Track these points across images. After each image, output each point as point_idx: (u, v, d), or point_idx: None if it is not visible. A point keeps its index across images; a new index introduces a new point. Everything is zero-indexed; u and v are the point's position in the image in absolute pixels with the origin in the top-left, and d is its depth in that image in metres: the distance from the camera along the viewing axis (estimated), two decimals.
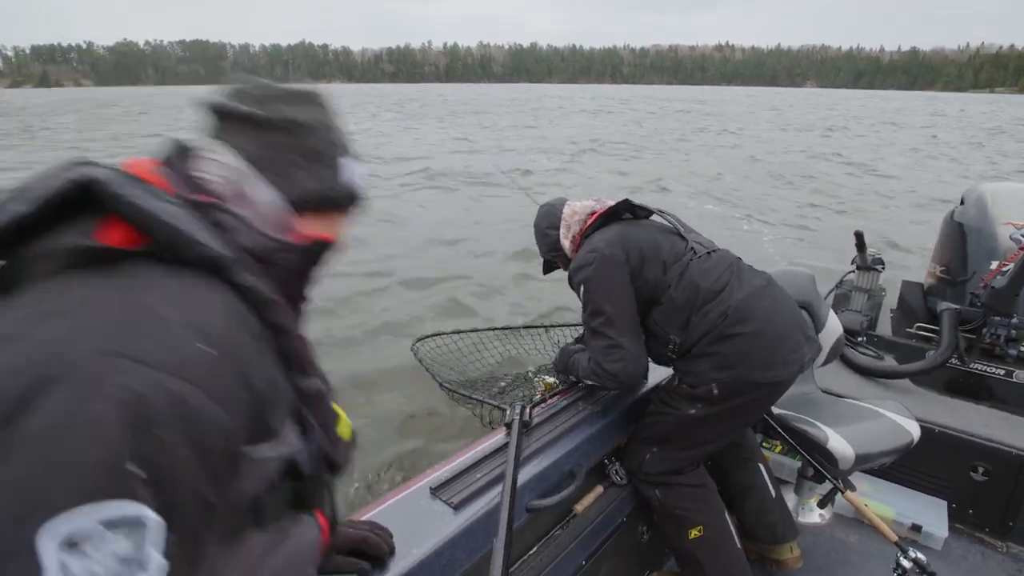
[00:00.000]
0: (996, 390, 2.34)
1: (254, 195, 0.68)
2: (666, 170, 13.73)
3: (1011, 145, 21.34)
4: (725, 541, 1.70)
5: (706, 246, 1.68)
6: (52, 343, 0.48)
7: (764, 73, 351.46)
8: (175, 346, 0.51)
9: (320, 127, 0.74)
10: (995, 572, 1.94)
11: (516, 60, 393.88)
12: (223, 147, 0.68)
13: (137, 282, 0.55)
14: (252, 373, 0.58)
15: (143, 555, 0.45)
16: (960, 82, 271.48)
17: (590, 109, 42.60)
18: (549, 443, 1.52)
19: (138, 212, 0.56)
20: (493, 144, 19.04)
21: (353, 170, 0.77)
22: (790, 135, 18.76)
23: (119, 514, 0.44)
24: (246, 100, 0.70)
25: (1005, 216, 2.34)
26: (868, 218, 9.27)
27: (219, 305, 0.58)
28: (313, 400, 0.71)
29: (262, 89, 0.72)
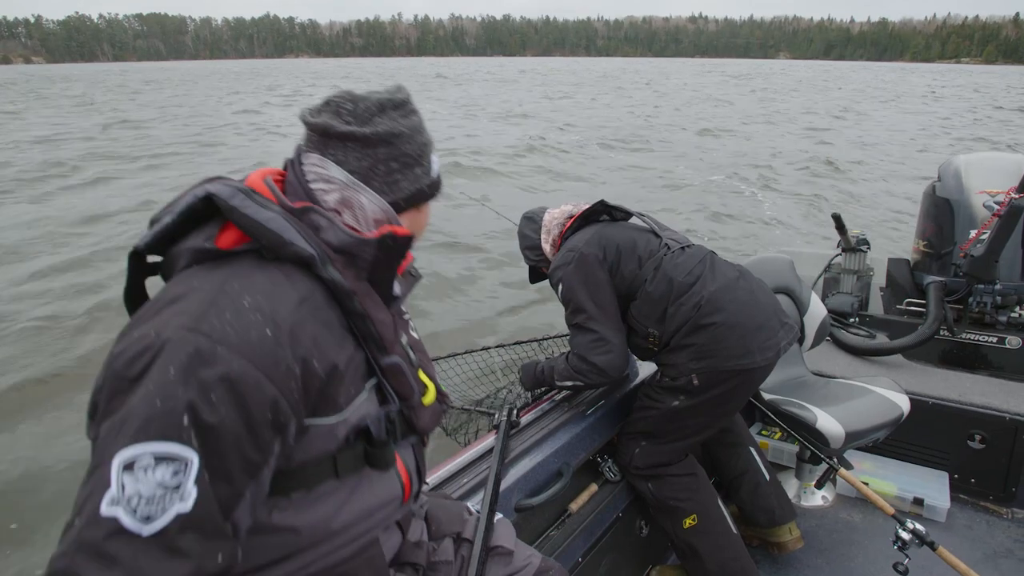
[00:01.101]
0: (990, 358, 2.38)
1: (360, 202, 0.80)
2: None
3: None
4: (720, 528, 1.73)
5: (680, 242, 1.72)
6: (160, 324, 0.64)
7: (737, 45, 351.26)
8: (244, 329, 0.65)
9: (414, 133, 0.83)
10: (1001, 539, 1.98)
11: (489, 33, 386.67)
12: (326, 161, 0.79)
13: (233, 275, 0.69)
14: (312, 357, 0.69)
15: (181, 486, 0.58)
16: (928, 53, 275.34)
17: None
18: (537, 443, 1.52)
19: (244, 219, 0.71)
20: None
21: (437, 163, 0.89)
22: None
23: (167, 452, 0.58)
24: (343, 114, 0.79)
25: (979, 185, 2.37)
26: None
27: (293, 297, 0.71)
28: (391, 374, 0.80)
29: (356, 102, 0.80)
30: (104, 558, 0.56)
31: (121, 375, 0.62)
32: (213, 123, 18.85)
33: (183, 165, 11.65)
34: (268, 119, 20.09)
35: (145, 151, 13.22)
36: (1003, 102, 30.18)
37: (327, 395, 0.72)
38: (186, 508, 0.58)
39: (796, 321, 2.05)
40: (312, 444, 0.73)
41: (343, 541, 0.79)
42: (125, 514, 0.56)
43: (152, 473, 0.58)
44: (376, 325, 0.77)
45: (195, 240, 0.73)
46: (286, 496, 0.73)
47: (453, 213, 7.52)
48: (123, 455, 0.58)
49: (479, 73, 63.72)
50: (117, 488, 0.57)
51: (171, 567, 0.57)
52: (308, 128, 0.81)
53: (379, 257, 0.77)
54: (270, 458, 0.67)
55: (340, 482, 0.77)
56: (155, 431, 0.59)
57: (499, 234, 6.88)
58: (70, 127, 17.78)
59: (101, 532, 0.56)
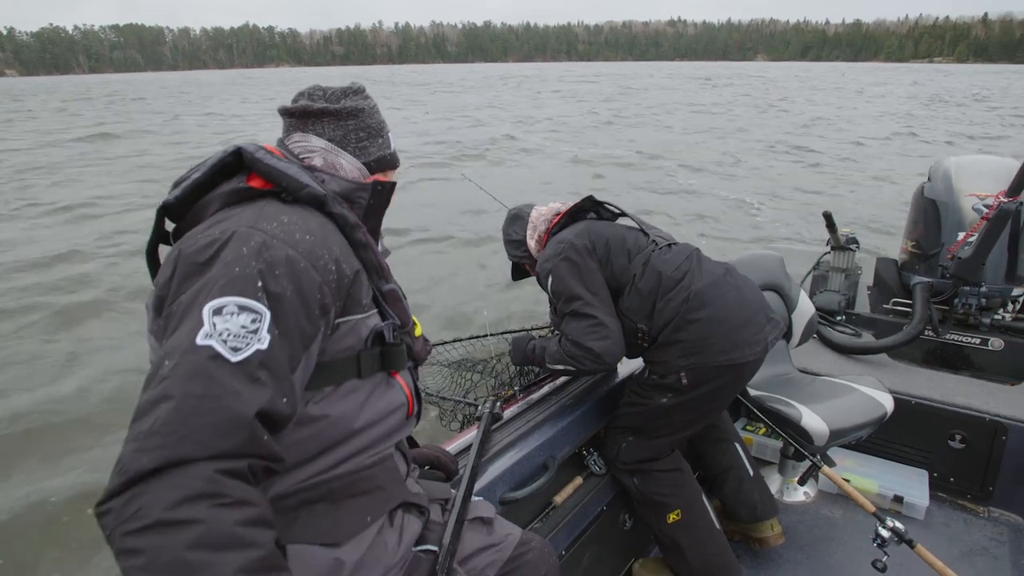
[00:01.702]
0: (973, 359, 2.41)
1: (340, 163, 0.99)
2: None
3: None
4: (703, 523, 1.74)
5: (667, 239, 1.73)
6: (222, 227, 0.80)
7: (716, 48, 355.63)
8: (289, 231, 0.82)
9: (373, 111, 1.05)
10: (977, 537, 2.00)
11: (471, 39, 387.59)
12: (308, 135, 0.99)
13: (266, 205, 0.85)
14: (341, 260, 0.86)
15: (258, 330, 0.73)
16: (901, 53, 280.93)
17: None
18: (522, 436, 1.52)
19: (268, 167, 0.87)
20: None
21: (392, 140, 1.09)
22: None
23: (247, 304, 0.73)
24: (316, 99, 1.00)
25: (969, 188, 2.38)
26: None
27: (317, 220, 0.87)
28: (389, 297, 0.97)
29: (325, 90, 1.02)
30: (205, 375, 0.67)
31: (194, 261, 0.76)
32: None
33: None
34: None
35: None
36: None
37: (354, 295, 0.88)
38: (263, 346, 0.72)
39: (784, 318, 2.06)
40: (342, 340, 0.88)
41: (364, 443, 0.93)
42: (219, 343, 0.69)
43: (237, 318, 0.72)
44: (376, 255, 0.94)
45: (228, 185, 0.88)
46: (320, 390, 0.87)
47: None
48: (213, 304, 0.71)
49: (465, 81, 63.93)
50: (209, 326, 0.70)
51: (253, 390, 0.70)
52: (288, 114, 1.01)
53: (371, 201, 0.97)
54: (318, 334, 0.81)
55: (361, 382, 0.91)
56: (237, 288, 0.73)
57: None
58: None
59: (200, 356, 0.68)
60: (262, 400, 0.70)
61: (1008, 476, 2.04)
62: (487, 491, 1.35)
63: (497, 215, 2.05)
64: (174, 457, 0.62)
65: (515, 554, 1.14)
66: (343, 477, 0.90)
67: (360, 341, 0.90)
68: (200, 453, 0.64)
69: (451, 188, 10.19)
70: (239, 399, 0.68)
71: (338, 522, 0.90)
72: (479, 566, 1.10)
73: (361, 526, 0.92)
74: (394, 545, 0.96)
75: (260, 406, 0.70)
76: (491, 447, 1.46)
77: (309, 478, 0.87)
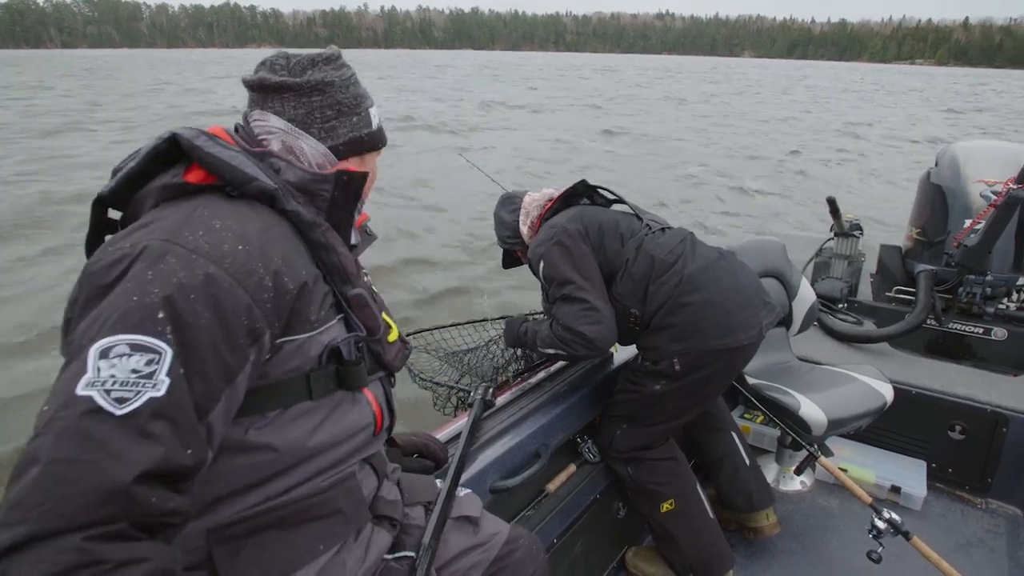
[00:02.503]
0: (975, 348, 2.39)
1: (300, 148, 0.86)
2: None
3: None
4: (697, 512, 1.71)
5: (660, 223, 1.70)
6: (135, 239, 0.69)
7: (704, 43, 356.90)
8: (216, 242, 0.70)
9: (347, 83, 0.89)
10: (974, 529, 2.00)
11: (457, 25, 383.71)
12: (267, 114, 0.85)
13: (201, 205, 0.74)
14: (282, 273, 0.74)
15: (154, 374, 0.62)
16: (885, 54, 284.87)
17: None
18: (515, 424, 1.48)
19: (208, 157, 0.76)
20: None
21: (377, 116, 0.94)
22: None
23: (142, 342, 0.62)
24: (277, 70, 0.85)
25: (977, 174, 2.34)
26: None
27: (259, 222, 0.76)
28: (354, 304, 0.86)
29: (289, 58, 0.86)
30: (78, 435, 0.58)
31: (97, 283, 0.66)
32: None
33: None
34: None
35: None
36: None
37: (298, 311, 0.77)
38: (158, 393, 0.62)
39: (784, 305, 2.03)
40: (287, 361, 0.77)
41: (320, 467, 0.83)
42: (100, 395, 0.59)
43: (127, 360, 0.61)
44: (339, 257, 0.83)
45: (162, 178, 0.77)
46: (262, 415, 0.77)
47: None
48: (100, 344, 0.61)
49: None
50: (93, 372, 0.60)
51: (141, 448, 0.60)
52: (248, 87, 0.86)
53: (336, 194, 0.84)
54: (246, 364, 0.71)
55: (314, 404, 0.81)
56: (132, 323, 0.62)
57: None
58: None
59: (76, 410, 0.59)
60: (151, 459, 0.60)
61: (1007, 468, 2.04)
62: (477, 479, 1.32)
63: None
64: (36, 532, 0.55)
65: (502, 553, 1.09)
66: (296, 503, 0.81)
67: (310, 360, 0.80)
68: (67, 525, 0.56)
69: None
70: (118, 463, 0.58)
71: (289, 551, 0.81)
72: (463, 568, 1.04)
73: (313, 555, 0.83)
74: (355, 562, 0.87)
75: (146, 467, 0.60)
76: (482, 435, 1.43)
77: (255, 505, 0.78)
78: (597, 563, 1.81)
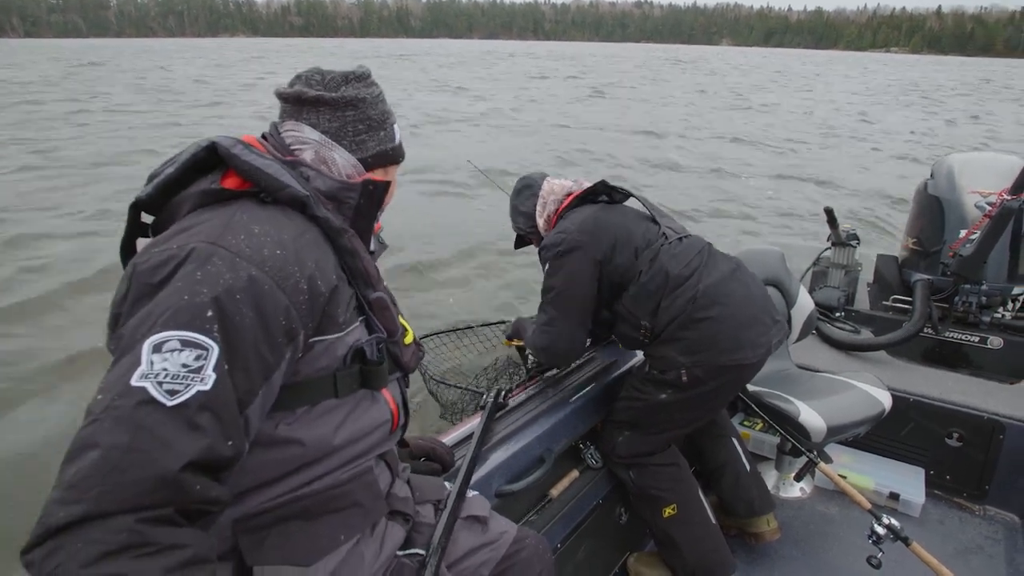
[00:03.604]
0: (972, 357, 2.42)
1: (332, 158, 0.90)
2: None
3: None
4: (699, 518, 1.72)
5: (678, 232, 1.68)
6: (181, 241, 0.73)
7: (683, 31, 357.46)
8: (258, 247, 0.74)
9: (376, 100, 0.95)
10: (972, 535, 2.03)
11: (435, 14, 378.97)
12: (301, 125, 0.90)
13: (239, 210, 0.78)
14: (316, 277, 0.79)
15: (202, 368, 0.66)
16: (860, 42, 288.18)
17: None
18: (520, 428, 1.49)
19: (245, 165, 0.80)
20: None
21: (399, 132, 1.00)
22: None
23: (192, 339, 0.66)
24: (313, 84, 0.91)
25: (972, 185, 2.38)
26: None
27: (293, 228, 0.80)
28: (376, 307, 0.90)
29: (324, 75, 0.92)
30: (133, 423, 0.62)
31: (146, 281, 0.70)
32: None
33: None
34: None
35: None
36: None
37: (329, 313, 0.82)
38: (206, 387, 0.66)
39: (784, 314, 2.04)
40: (317, 360, 0.82)
41: (342, 460, 0.87)
42: (153, 386, 0.63)
43: (178, 355, 0.65)
44: (363, 262, 0.88)
45: (201, 184, 0.81)
46: (292, 411, 0.81)
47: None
48: (153, 338, 0.65)
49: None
50: (147, 364, 0.64)
51: (189, 438, 0.64)
52: (282, 99, 0.92)
53: (361, 202, 0.89)
54: (282, 362, 0.75)
55: (339, 401, 0.86)
56: (182, 321, 0.67)
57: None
58: None
59: (132, 400, 0.63)
60: (197, 449, 0.65)
61: (1004, 475, 2.07)
62: (483, 483, 1.33)
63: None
64: (91, 512, 0.59)
65: (510, 552, 1.12)
66: (318, 494, 0.86)
67: (336, 360, 0.84)
68: (120, 508, 0.60)
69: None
70: (168, 452, 0.63)
71: (311, 540, 0.85)
72: (472, 566, 1.07)
73: (334, 544, 0.87)
74: (372, 556, 0.91)
75: (193, 456, 0.64)
76: (488, 439, 1.44)
77: (280, 495, 0.83)
78: (600, 568, 1.81)
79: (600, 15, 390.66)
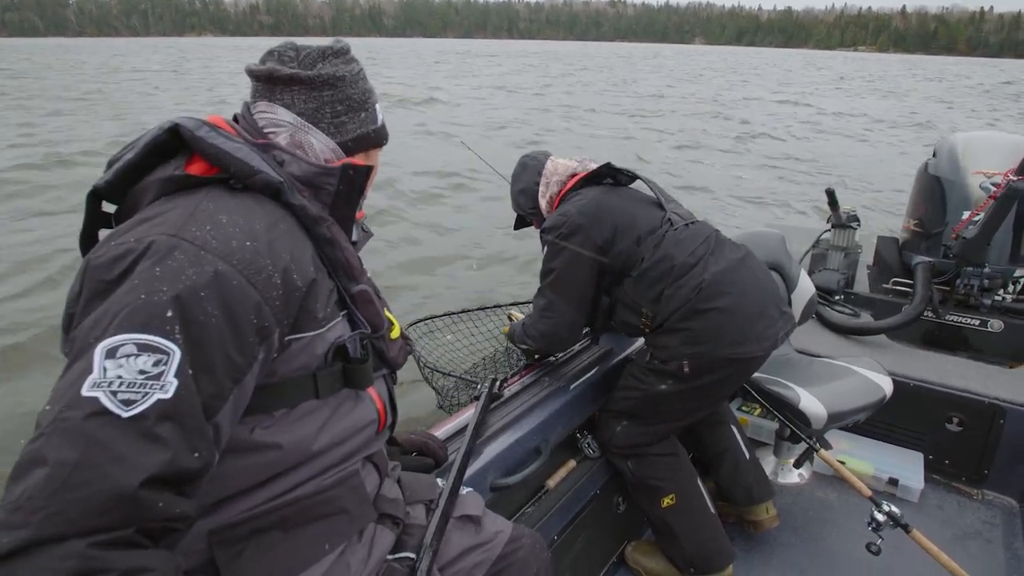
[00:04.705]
0: (972, 340, 2.40)
1: (309, 142, 0.84)
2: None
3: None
4: (698, 508, 1.70)
5: (684, 218, 1.63)
6: (140, 233, 0.67)
7: (656, 30, 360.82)
8: (225, 239, 0.68)
9: (356, 79, 0.88)
10: (971, 520, 2.03)
11: (408, 13, 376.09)
12: (275, 106, 0.83)
13: (206, 198, 0.72)
14: (291, 270, 0.72)
15: (162, 375, 0.60)
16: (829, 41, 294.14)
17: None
18: (516, 420, 1.45)
19: (211, 148, 0.73)
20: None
21: (381, 112, 0.93)
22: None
23: (150, 342, 0.60)
24: (286, 61, 0.84)
25: (975, 166, 2.33)
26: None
27: (265, 217, 0.73)
28: (359, 300, 0.85)
29: (299, 50, 0.85)
30: (83, 437, 0.56)
31: (101, 278, 0.64)
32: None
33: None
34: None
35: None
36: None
37: (307, 309, 0.75)
38: (166, 395, 0.60)
39: (784, 298, 2.01)
40: (294, 359, 0.76)
41: (325, 464, 0.82)
42: (106, 396, 0.57)
43: (135, 361, 0.59)
44: (344, 252, 0.82)
45: (163, 171, 0.74)
46: (269, 414, 0.75)
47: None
48: (107, 343, 0.59)
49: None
50: (99, 372, 0.58)
51: (147, 452, 0.58)
52: (254, 77, 0.84)
53: (340, 188, 0.82)
54: (254, 364, 0.69)
55: (320, 402, 0.80)
56: (139, 322, 0.60)
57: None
58: None
59: (82, 412, 0.57)
60: (157, 463, 0.59)
61: (1004, 459, 2.07)
62: (477, 477, 1.29)
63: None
64: (39, 537, 0.53)
65: (505, 552, 1.08)
66: (300, 501, 0.79)
67: (316, 359, 0.78)
68: (71, 531, 0.54)
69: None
70: (123, 467, 0.57)
71: (293, 551, 0.79)
72: (466, 568, 1.03)
73: (318, 555, 0.81)
74: (359, 563, 0.86)
75: (153, 471, 0.58)
76: (483, 431, 1.40)
77: (259, 504, 0.76)
78: (597, 558, 1.79)
79: (574, 14, 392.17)
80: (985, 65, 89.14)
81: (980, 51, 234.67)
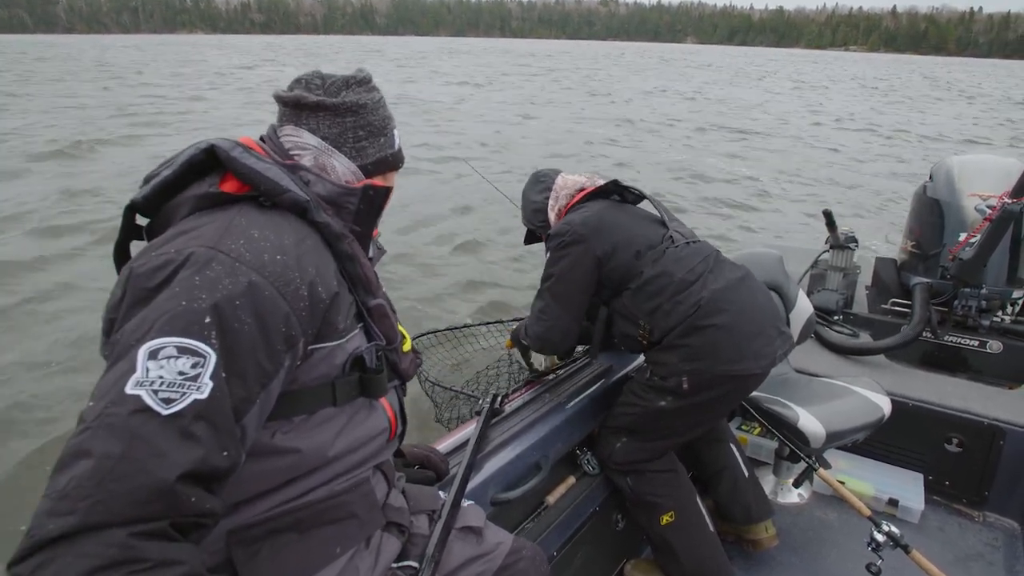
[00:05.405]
0: (971, 361, 2.41)
1: (332, 165, 0.90)
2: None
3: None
4: (697, 525, 1.70)
5: (685, 236, 1.66)
6: (179, 244, 0.72)
7: (648, 29, 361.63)
8: (258, 252, 0.73)
9: (377, 106, 0.94)
10: (972, 542, 2.02)
11: (400, 11, 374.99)
12: (301, 130, 0.89)
13: (238, 214, 0.77)
14: (316, 283, 0.78)
15: (199, 377, 0.65)
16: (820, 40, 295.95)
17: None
18: (516, 435, 1.46)
19: (244, 168, 0.79)
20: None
21: (399, 137, 0.99)
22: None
23: (189, 345, 0.65)
24: (312, 89, 0.90)
25: (971, 188, 2.35)
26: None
27: (293, 233, 0.79)
28: (375, 314, 0.90)
29: (324, 79, 0.91)
30: (127, 432, 0.60)
31: (143, 285, 0.69)
32: None
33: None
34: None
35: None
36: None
37: (329, 320, 0.80)
38: (202, 396, 0.64)
39: (782, 318, 2.00)
40: (315, 368, 0.81)
41: (339, 470, 0.86)
42: (148, 395, 0.62)
43: (175, 362, 0.64)
44: (363, 267, 0.87)
45: (198, 187, 0.80)
46: (289, 420, 0.80)
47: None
48: (149, 345, 0.64)
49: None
50: (142, 372, 0.62)
51: (184, 449, 0.62)
52: (282, 103, 0.90)
53: (361, 207, 0.89)
54: (281, 370, 0.73)
55: (338, 410, 0.85)
56: (179, 327, 0.65)
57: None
58: None
59: (126, 408, 0.61)
60: (192, 459, 0.63)
61: (1004, 481, 2.06)
62: (478, 491, 1.30)
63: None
64: (84, 524, 0.56)
65: (505, 563, 1.10)
66: (314, 505, 0.84)
67: (335, 368, 0.83)
68: (114, 520, 0.58)
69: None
70: (163, 462, 0.61)
71: (306, 553, 0.83)
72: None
73: (330, 558, 0.85)
74: (367, 569, 0.90)
75: (188, 467, 0.62)
76: (484, 446, 1.40)
77: (275, 507, 0.81)
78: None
79: (566, 13, 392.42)
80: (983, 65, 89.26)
81: (970, 51, 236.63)
